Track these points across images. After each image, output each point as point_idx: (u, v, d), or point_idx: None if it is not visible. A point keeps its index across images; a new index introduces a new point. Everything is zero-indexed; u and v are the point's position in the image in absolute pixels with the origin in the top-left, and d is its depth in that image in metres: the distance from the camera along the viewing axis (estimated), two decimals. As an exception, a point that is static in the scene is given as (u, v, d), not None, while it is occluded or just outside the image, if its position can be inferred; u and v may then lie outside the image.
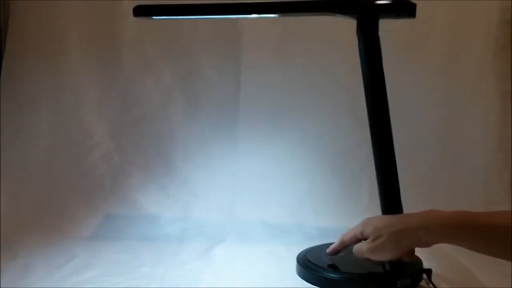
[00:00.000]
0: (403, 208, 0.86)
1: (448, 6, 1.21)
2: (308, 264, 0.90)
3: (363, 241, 0.83)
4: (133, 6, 0.89)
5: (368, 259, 0.82)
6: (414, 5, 0.81)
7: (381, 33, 0.82)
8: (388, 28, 0.85)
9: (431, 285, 0.85)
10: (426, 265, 0.89)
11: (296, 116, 1.25)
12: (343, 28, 0.91)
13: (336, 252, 0.89)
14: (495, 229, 0.71)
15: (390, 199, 0.86)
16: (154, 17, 0.94)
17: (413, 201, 0.89)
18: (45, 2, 1.24)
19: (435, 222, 0.75)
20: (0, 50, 1.28)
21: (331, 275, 0.86)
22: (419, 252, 0.87)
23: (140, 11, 0.89)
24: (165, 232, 1.13)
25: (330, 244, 0.91)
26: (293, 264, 0.93)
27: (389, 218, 0.83)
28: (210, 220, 1.18)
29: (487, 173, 1.23)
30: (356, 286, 0.85)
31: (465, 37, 1.23)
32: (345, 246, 0.87)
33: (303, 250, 0.96)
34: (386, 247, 0.79)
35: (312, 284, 0.87)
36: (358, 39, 0.83)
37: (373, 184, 0.88)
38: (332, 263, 0.88)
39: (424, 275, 0.88)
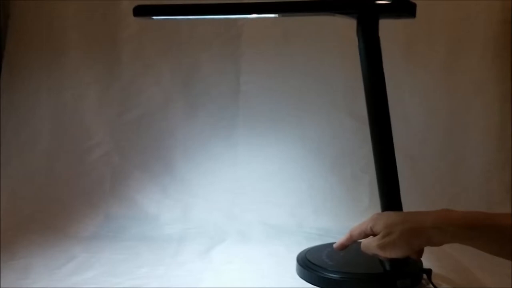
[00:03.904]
0: (403, 208, 0.86)
1: (448, 6, 1.21)
2: (308, 264, 0.90)
3: (371, 236, 0.82)
4: (133, 6, 0.89)
5: (375, 255, 0.82)
6: (414, 5, 0.81)
7: (381, 33, 0.82)
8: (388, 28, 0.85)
9: (431, 285, 0.85)
10: (426, 265, 0.89)
11: (296, 116, 1.25)
12: (343, 28, 0.91)
13: (343, 247, 0.87)
14: (509, 230, 0.70)
15: (390, 199, 0.86)
16: (154, 17, 0.94)
17: (413, 201, 0.89)
18: (45, 2, 1.24)
19: (448, 222, 0.74)
20: (0, 50, 1.28)
21: (331, 275, 0.86)
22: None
23: (140, 11, 0.89)
24: (165, 232, 1.13)
25: (330, 244, 0.91)
26: (293, 264, 0.93)
27: (401, 215, 0.82)
28: (210, 220, 1.18)
29: (487, 173, 1.23)
30: (355, 286, 0.85)
31: (465, 36, 1.23)
32: (353, 241, 0.86)
33: (303, 250, 0.96)
34: (397, 245, 0.78)
35: (312, 284, 0.87)
36: (358, 39, 0.83)
37: (373, 184, 0.89)
38: (332, 263, 0.89)
39: (424, 275, 0.87)
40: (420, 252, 0.83)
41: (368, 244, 0.82)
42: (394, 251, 0.79)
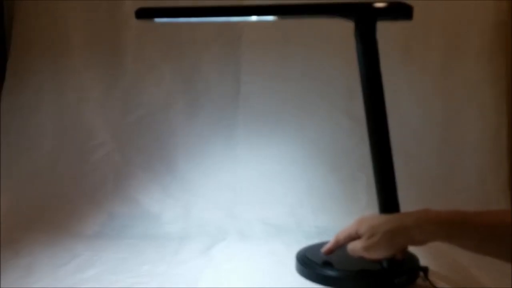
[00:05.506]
0: (400, 207, 0.88)
1: (444, 7, 1.22)
2: (307, 262, 0.91)
3: (357, 239, 0.83)
4: (135, 8, 0.90)
5: (362, 257, 0.83)
6: (411, 8, 0.82)
7: (378, 35, 0.84)
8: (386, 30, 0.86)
9: (428, 283, 0.86)
10: (423, 263, 0.90)
11: (295, 116, 1.26)
12: (341, 30, 0.92)
13: (330, 251, 0.89)
14: (488, 228, 0.72)
15: (387, 198, 0.88)
16: (156, 20, 0.95)
17: (410, 201, 0.90)
18: (48, 4, 1.25)
19: (428, 221, 0.76)
20: (5, 52, 1.29)
21: (329, 272, 0.87)
22: (416, 250, 0.88)
23: (143, 14, 0.89)
24: (166, 230, 1.14)
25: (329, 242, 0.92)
26: (292, 262, 0.94)
27: (384, 217, 0.84)
28: (211, 219, 1.18)
29: (483, 173, 1.24)
30: (354, 283, 0.86)
31: (461, 38, 1.24)
32: (340, 246, 0.88)
33: (302, 248, 0.97)
34: (381, 245, 0.79)
35: (311, 281, 0.88)
36: (356, 41, 0.84)
37: (371, 183, 0.90)
38: (330, 261, 0.89)
39: (421, 273, 0.88)
40: (403, 252, 0.84)
41: (354, 246, 0.83)
42: (379, 252, 0.81)
